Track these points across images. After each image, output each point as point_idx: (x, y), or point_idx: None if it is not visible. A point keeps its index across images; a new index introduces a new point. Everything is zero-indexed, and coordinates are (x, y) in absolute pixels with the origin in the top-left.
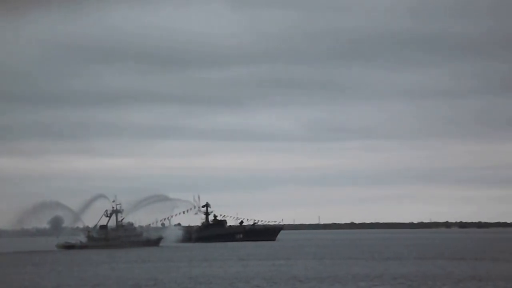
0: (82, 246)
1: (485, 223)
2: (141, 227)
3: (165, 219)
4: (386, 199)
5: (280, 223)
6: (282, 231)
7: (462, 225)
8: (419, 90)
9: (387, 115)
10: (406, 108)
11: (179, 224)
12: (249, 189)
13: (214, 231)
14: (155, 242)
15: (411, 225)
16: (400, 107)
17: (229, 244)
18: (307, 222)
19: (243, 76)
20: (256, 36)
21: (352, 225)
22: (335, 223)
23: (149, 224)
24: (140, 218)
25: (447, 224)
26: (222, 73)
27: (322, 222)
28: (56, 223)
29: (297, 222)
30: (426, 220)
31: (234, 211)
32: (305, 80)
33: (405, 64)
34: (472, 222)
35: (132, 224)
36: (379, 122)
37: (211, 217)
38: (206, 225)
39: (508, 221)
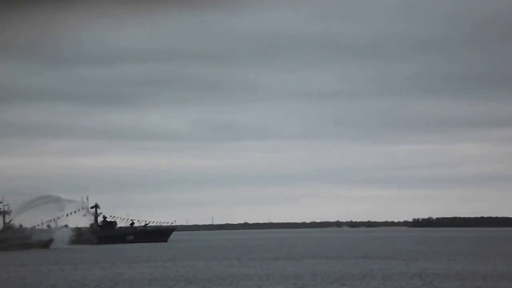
0: None
1: (374, 222)
2: (26, 229)
3: (51, 220)
4: (279, 199)
5: (173, 224)
6: (174, 232)
7: (352, 224)
8: (312, 91)
9: (281, 116)
10: (299, 109)
11: (66, 226)
12: (140, 190)
13: (103, 232)
14: (45, 244)
15: (303, 225)
16: (293, 108)
17: (119, 245)
18: (201, 223)
19: (136, 74)
20: (150, 35)
21: (245, 225)
22: (228, 224)
23: (34, 226)
24: (25, 220)
25: (338, 224)
26: (114, 72)
27: (215, 223)
28: None
29: (190, 223)
30: (318, 220)
31: (125, 212)
32: (199, 79)
33: (298, 65)
34: (361, 222)
35: (21, 225)
36: (272, 123)
37: (100, 218)
38: (95, 226)
39: (396, 220)
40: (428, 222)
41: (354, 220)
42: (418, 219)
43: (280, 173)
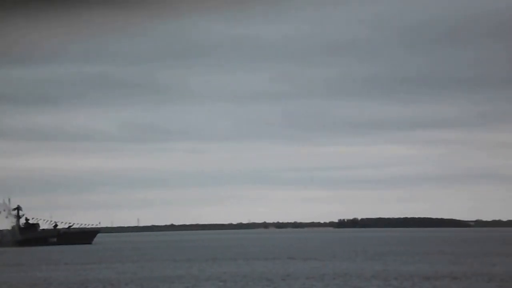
0: None
1: (300, 223)
2: None
3: None
4: (206, 200)
5: (97, 226)
6: (99, 234)
7: (279, 225)
8: (240, 93)
9: (208, 117)
10: (227, 110)
11: None
12: (64, 191)
13: (26, 234)
14: None
15: (230, 226)
16: (221, 109)
17: (42, 248)
18: (126, 225)
19: (62, 76)
20: (74, 35)
21: (172, 227)
22: (155, 225)
23: None
24: None
25: (265, 225)
26: (40, 73)
27: (141, 225)
28: None
29: (115, 225)
30: (245, 221)
31: (48, 214)
32: (125, 81)
33: (226, 66)
34: (288, 223)
35: None
36: (200, 124)
37: (22, 220)
38: (17, 228)
39: (322, 221)
40: (353, 223)
41: (280, 221)
42: (344, 220)
43: (207, 174)
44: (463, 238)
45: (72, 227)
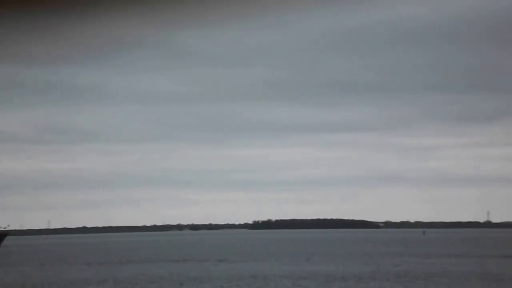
0: None
1: (216, 224)
2: None
3: None
4: (119, 202)
5: (6, 229)
6: (8, 237)
7: (193, 227)
8: (156, 94)
9: (120, 119)
10: (139, 112)
11: None
12: None
13: None
14: None
15: (144, 228)
16: (133, 111)
17: None
18: (36, 227)
19: None
20: None
21: (84, 229)
22: (66, 228)
23: None
24: None
25: (179, 227)
26: None
27: (52, 227)
28: None
29: (25, 227)
30: (159, 223)
31: None
32: (38, 81)
33: (138, 68)
34: (203, 224)
35: None
36: (112, 126)
37: None
38: None
39: (236, 223)
40: (267, 224)
41: (195, 223)
42: (258, 221)
43: (120, 176)
44: (372, 239)
45: None
